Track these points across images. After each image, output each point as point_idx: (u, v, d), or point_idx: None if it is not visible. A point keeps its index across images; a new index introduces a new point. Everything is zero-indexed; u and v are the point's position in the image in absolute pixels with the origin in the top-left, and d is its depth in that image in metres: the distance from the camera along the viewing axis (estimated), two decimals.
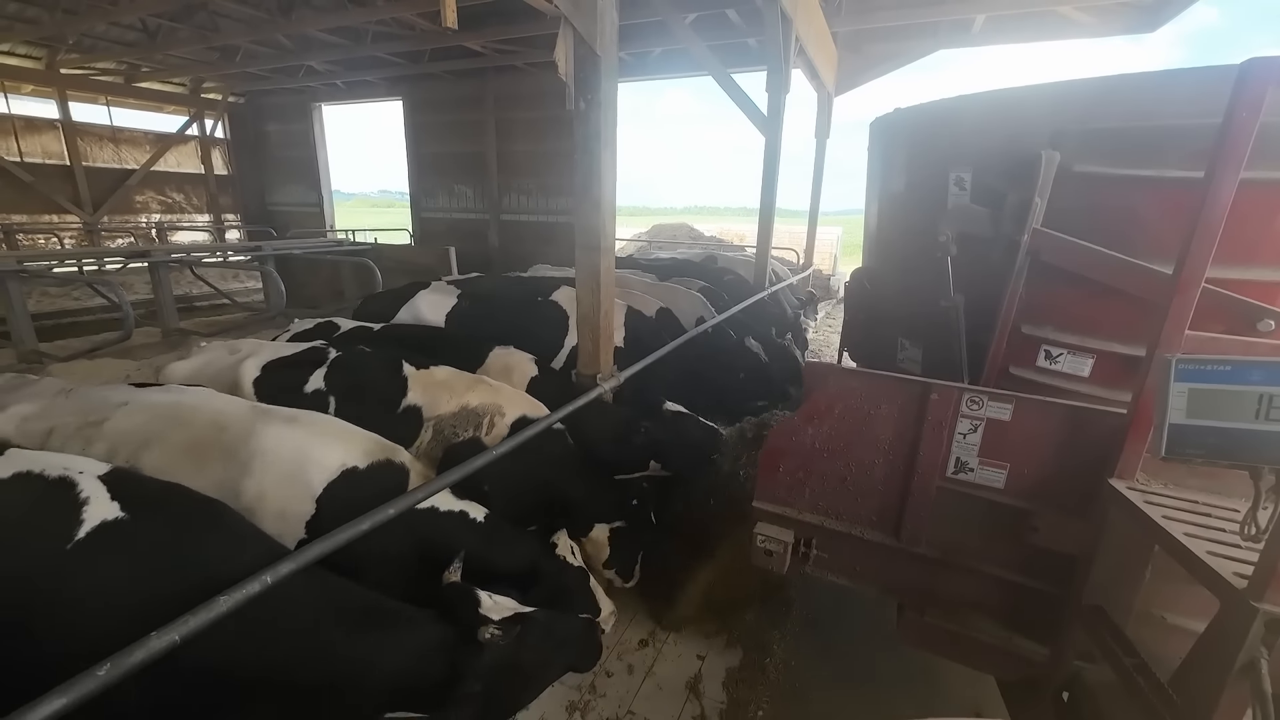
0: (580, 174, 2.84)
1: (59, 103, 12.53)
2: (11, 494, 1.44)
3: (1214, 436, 1.25)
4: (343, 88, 14.10)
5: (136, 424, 1.88)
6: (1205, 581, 1.25)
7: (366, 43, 10.26)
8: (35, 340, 6.12)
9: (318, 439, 1.97)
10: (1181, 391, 1.29)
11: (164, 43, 10.48)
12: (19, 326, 6.02)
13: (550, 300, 4.14)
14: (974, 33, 8.50)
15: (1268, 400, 1.20)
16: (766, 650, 2.70)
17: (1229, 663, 1.19)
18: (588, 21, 2.57)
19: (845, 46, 8.86)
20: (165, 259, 7.31)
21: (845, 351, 4.17)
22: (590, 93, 2.69)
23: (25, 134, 12.19)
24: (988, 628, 2.02)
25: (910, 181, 2.93)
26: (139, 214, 14.34)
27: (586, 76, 2.67)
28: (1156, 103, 1.96)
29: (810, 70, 7.49)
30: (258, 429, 1.92)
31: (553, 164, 12.61)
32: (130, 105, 14.01)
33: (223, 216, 15.80)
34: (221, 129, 15.56)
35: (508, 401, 2.73)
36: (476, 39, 9.84)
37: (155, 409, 1.95)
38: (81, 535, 1.38)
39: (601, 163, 2.77)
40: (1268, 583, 1.13)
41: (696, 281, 5.73)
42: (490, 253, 13.43)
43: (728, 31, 8.85)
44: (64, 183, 12.75)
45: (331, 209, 15.99)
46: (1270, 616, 1.13)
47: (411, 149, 14.12)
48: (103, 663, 1.12)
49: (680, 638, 2.80)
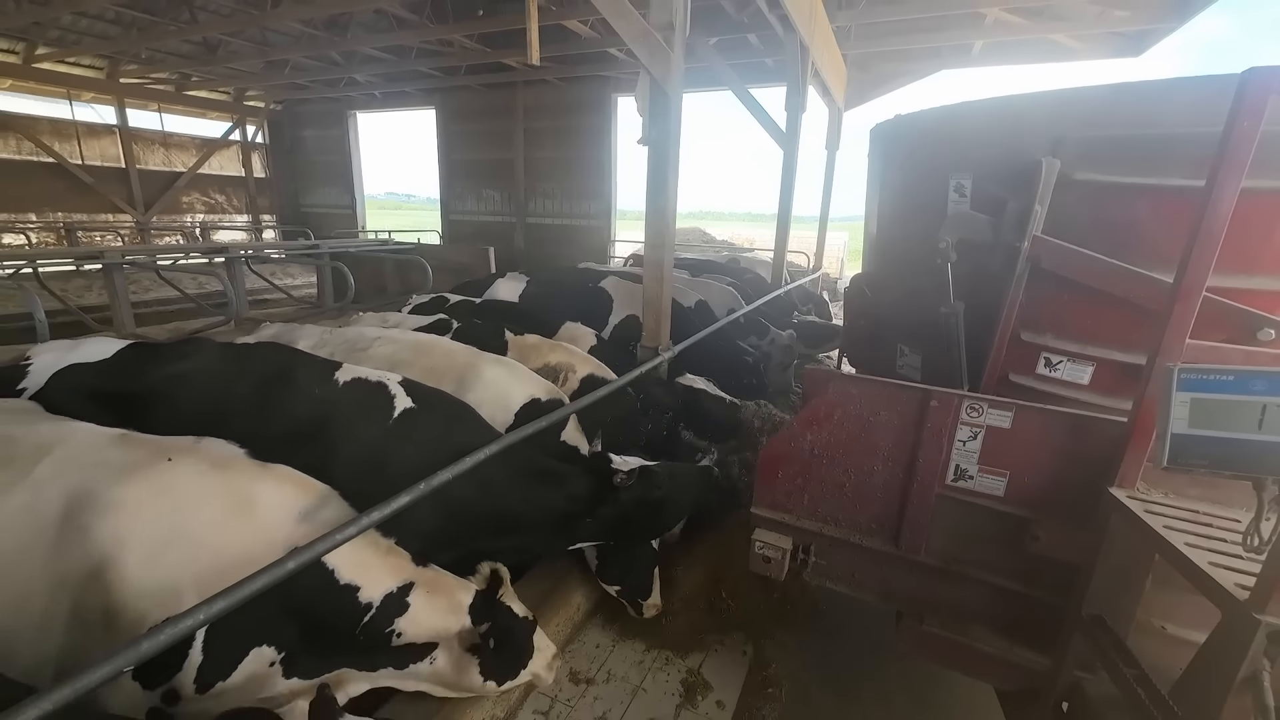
0: (651, 190, 3.60)
1: (117, 109, 13.44)
2: (352, 390, 2.35)
3: (1216, 447, 1.24)
4: (379, 97, 14.98)
5: (389, 352, 2.73)
6: (1207, 592, 1.23)
7: (411, 58, 11.11)
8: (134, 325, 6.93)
9: (517, 377, 2.86)
10: (1184, 401, 1.29)
11: (222, 56, 11.37)
12: (121, 312, 6.84)
13: (599, 287, 5.27)
14: (974, 55, 9.28)
15: (1271, 410, 1.19)
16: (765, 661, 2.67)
17: (1231, 675, 1.16)
18: (661, 70, 3.33)
19: (854, 66, 9.63)
20: (239, 256, 8.15)
21: (845, 357, 4.21)
22: (661, 125, 3.45)
23: (86, 138, 13.11)
24: (987, 637, 2.01)
25: (910, 188, 2.91)
26: (185, 214, 15.25)
27: (658, 113, 3.44)
28: (1158, 111, 1.94)
29: (822, 88, 8.26)
30: (478, 364, 2.80)
31: (576, 170, 13.47)
32: (178, 112, 14.92)
33: (260, 217, 16.71)
34: (261, 135, 16.48)
35: (580, 362, 3.52)
36: (514, 56, 10.67)
37: (400, 342, 2.85)
38: (395, 416, 2.25)
39: (667, 182, 3.53)
40: (1270, 594, 1.11)
41: (725, 278, 6.52)
42: (516, 254, 14.23)
43: (747, 52, 9.65)
44: (120, 184, 13.67)
45: (363, 211, 16.88)
46: (1273, 629, 1.11)
47: (443, 155, 14.99)
48: (413, 488, 1.86)
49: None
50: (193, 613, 1.28)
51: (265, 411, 2.27)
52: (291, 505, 1.76)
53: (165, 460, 1.65)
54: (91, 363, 2.46)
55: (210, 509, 1.64)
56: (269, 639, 1.73)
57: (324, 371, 2.45)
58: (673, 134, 3.46)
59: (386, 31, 9.82)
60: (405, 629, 1.90)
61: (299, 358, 2.55)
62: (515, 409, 2.82)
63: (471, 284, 5.53)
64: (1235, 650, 1.16)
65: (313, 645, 1.82)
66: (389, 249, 9.65)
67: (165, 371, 2.40)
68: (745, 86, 7.37)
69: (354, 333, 3.03)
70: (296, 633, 1.79)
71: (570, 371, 3.44)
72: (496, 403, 2.77)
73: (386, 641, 1.90)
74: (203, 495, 1.64)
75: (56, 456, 1.59)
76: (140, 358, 2.52)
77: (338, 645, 1.87)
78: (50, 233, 12.55)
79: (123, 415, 2.12)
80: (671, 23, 3.20)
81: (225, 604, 1.33)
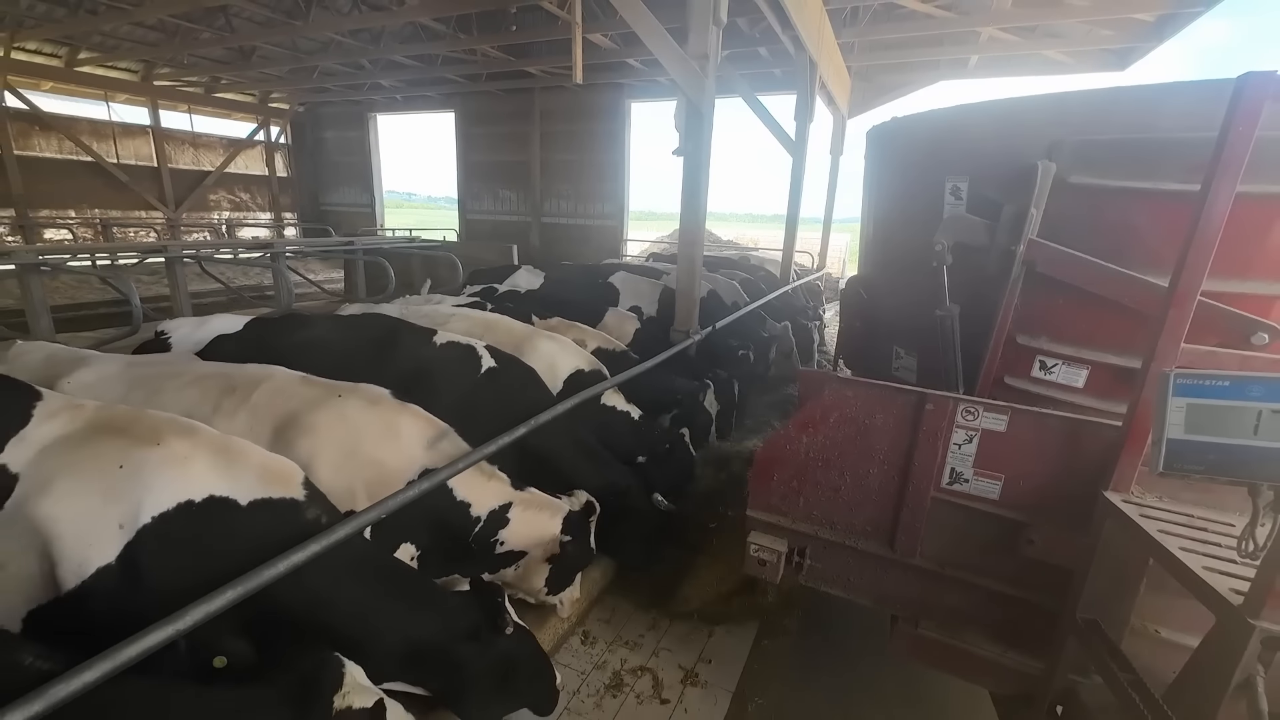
0: (685, 194, 4.13)
1: (151, 110, 14.02)
2: (448, 350, 2.90)
3: (1213, 452, 1.24)
4: (400, 100, 15.55)
5: (463, 326, 3.26)
6: (1201, 597, 1.23)
7: (436, 65, 11.67)
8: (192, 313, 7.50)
9: (565, 351, 3.38)
10: (1180, 406, 1.28)
11: (256, 62, 11.93)
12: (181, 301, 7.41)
13: (607, 281, 5.97)
14: (970, 68, 9.84)
15: (1266, 416, 1.18)
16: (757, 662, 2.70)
17: (1225, 680, 1.17)
18: (696, 92, 3.87)
19: (858, 77, 10.19)
20: (283, 252, 8.71)
21: (840, 360, 4.23)
22: (695, 139, 3.98)
23: (122, 138, 13.69)
24: (981, 641, 2.02)
25: (906, 190, 2.91)
26: (211, 211, 15.82)
27: (693, 128, 3.97)
28: (1153, 115, 1.94)
29: (828, 98, 8.81)
30: (534, 338, 3.33)
31: (591, 173, 14.04)
32: (206, 113, 15.50)
33: (282, 215, 17.29)
34: (284, 135, 17.07)
35: (590, 337, 4.08)
36: (536, 64, 11.23)
37: (471, 318, 3.39)
38: (481, 373, 2.79)
39: (699, 188, 4.06)
40: (1265, 599, 1.11)
41: (738, 274, 7.08)
42: (531, 252, 14.75)
43: (757, 63, 10.20)
44: (152, 182, 14.26)
45: (382, 209, 17.44)
46: (1267, 634, 1.11)
47: (461, 156, 15.57)
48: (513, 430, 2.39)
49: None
50: (374, 508, 1.75)
51: (381, 365, 2.80)
52: (423, 435, 2.29)
53: (337, 396, 2.18)
54: (231, 333, 3.00)
55: (370, 434, 2.17)
56: (411, 538, 2.26)
57: (424, 335, 3.00)
58: (704, 146, 4.00)
59: (417, 41, 10.37)
60: (506, 539, 2.42)
61: (402, 324, 3.09)
62: (563, 376, 3.34)
63: (489, 271, 6.28)
64: (1230, 655, 1.16)
65: (439, 548, 2.34)
66: (417, 245, 10.19)
67: (295, 337, 2.94)
68: (755, 95, 7.93)
69: (430, 309, 3.58)
70: (428, 537, 2.31)
71: (583, 344, 4.04)
72: (547, 371, 3.28)
73: (492, 550, 2.42)
74: (365, 423, 2.17)
75: (265, 388, 2.13)
76: (267, 327, 3.07)
77: (456, 551, 2.38)
78: (88, 228, 13.11)
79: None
80: (706, 54, 3.73)
81: (395, 504, 1.80)
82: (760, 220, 67.43)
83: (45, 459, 1.39)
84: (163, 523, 1.36)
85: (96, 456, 1.40)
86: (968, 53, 9.06)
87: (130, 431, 1.48)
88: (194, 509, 1.42)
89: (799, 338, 6.14)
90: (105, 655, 1.17)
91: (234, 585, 1.31)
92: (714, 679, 2.62)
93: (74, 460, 1.40)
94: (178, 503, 1.40)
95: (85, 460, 1.40)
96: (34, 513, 1.31)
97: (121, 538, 1.33)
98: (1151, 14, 7.33)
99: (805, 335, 6.47)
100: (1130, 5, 7.10)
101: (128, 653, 1.19)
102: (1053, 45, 8.56)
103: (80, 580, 1.31)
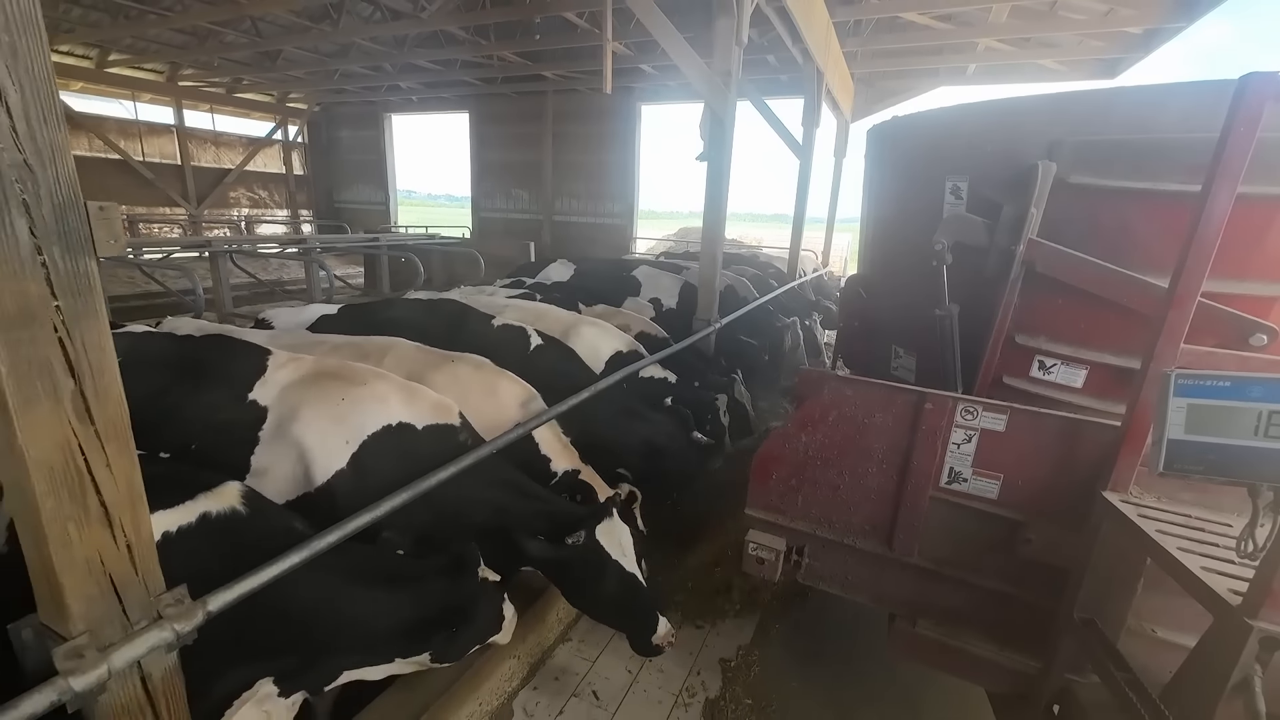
0: (708, 196, 4.61)
1: (175, 110, 14.45)
2: (504, 332, 3.37)
3: (1213, 453, 1.24)
4: (415, 101, 16.01)
5: (519, 315, 3.74)
6: (1199, 597, 1.23)
7: (455, 68, 12.13)
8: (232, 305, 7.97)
9: (607, 335, 3.85)
10: (1180, 407, 1.29)
11: (281, 65, 12.37)
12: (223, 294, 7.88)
13: (631, 275, 6.52)
14: (968, 76, 10.34)
15: (1267, 417, 1.18)
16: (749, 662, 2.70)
17: (1223, 680, 1.18)
18: (720, 104, 4.35)
19: (861, 83, 10.68)
20: (316, 247, 9.20)
21: (840, 359, 4.24)
22: (717, 146, 4.47)
23: (147, 137, 14.13)
24: (979, 640, 2.02)
25: (906, 190, 2.90)
26: (231, 208, 16.27)
27: (715, 137, 4.46)
28: (1154, 116, 1.94)
29: (833, 103, 9.30)
30: (579, 324, 3.81)
31: (602, 173, 14.53)
32: (227, 112, 15.93)
33: (298, 212, 17.75)
34: (301, 134, 17.52)
35: (635, 322, 4.57)
36: (551, 69, 11.70)
37: (525, 308, 3.87)
38: (530, 349, 3.26)
39: (721, 190, 4.54)
40: (1263, 600, 1.11)
41: (749, 270, 7.58)
42: (543, 249, 15.18)
43: (764, 69, 10.70)
44: (175, 180, 14.70)
45: (396, 207, 17.90)
46: (1265, 634, 1.11)
47: (475, 156, 16.04)
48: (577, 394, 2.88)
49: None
50: (492, 442, 2.19)
51: (452, 341, 3.26)
52: (517, 395, 2.79)
53: (450, 361, 2.68)
54: (331, 314, 3.51)
55: (476, 391, 2.66)
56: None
57: (486, 319, 3.51)
58: (726, 153, 4.48)
59: (437, 46, 10.83)
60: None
61: (469, 310, 3.59)
62: (605, 357, 3.78)
63: (524, 267, 6.99)
64: (1227, 655, 1.17)
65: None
66: (439, 242, 10.67)
67: (383, 316, 3.44)
68: (764, 99, 8.42)
69: (486, 299, 4.06)
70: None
71: (626, 328, 4.53)
72: (589, 353, 3.73)
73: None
74: (473, 384, 2.67)
75: (392, 355, 2.62)
76: (361, 309, 3.58)
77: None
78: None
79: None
80: (729, 70, 4.22)
81: (504, 440, 2.25)
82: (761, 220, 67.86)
83: (286, 395, 1.89)
84: (373, 440, 1.87)
85: (324, 393, 1.91)
86: (966, 61, 9.56)
87: (341, 375, 1.99)
88: (391, 430, 1.93)
89: (805, 334, 6.64)
90: (338, 526, 1.66)
91: (412, 486, 1.80)
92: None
93: (309, 396, 1.90)
94: (382, 425, 1.91)
95: (317, 396, 1.90)
96: (289, 433, 1.81)
97: (349, 450, 1.83)
98: (1139, 27, 7.83)
99: (810, 331, 6.99)
100: (1119, 20, 7.60)
101: (352, 525, 1.67)
102: (1047, 55, 9.06)
103: (326, 479, 1.81)
